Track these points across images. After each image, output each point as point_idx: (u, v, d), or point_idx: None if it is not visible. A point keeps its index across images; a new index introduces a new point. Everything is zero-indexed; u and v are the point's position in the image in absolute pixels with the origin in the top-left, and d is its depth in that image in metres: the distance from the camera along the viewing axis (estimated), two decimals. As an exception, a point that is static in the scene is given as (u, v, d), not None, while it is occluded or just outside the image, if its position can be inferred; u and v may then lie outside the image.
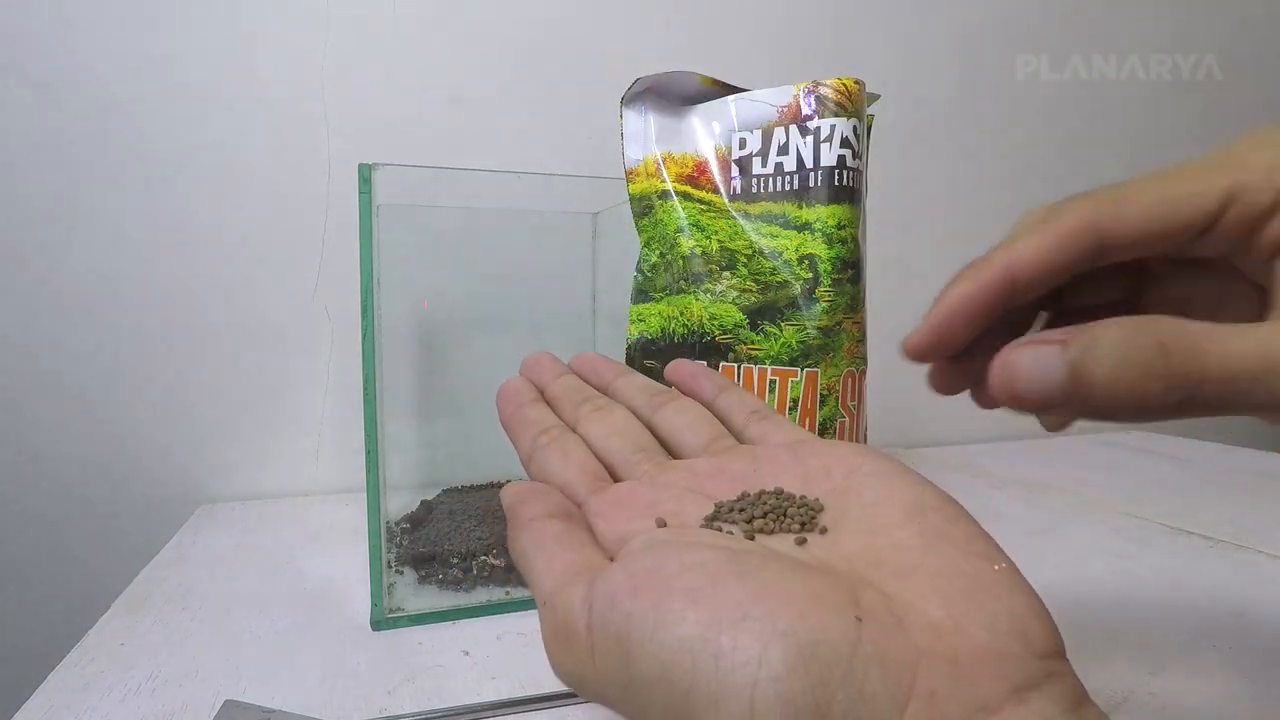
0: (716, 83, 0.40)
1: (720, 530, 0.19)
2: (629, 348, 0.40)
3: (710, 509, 0.20)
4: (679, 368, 0.29)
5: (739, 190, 0.39)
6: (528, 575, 0.19)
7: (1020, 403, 0.18)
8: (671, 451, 0.25)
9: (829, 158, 0.37)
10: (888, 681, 0.13)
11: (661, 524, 0.20)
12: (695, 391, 0.27)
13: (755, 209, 0.38)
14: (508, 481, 0.56)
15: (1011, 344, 0.18)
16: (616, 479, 0.24)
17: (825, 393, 0.38)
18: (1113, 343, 0.17)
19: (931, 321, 0.20)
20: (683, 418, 0.25)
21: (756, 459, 0.22)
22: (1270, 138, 0.19)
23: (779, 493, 0.20)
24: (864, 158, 0.39)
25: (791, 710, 0.13)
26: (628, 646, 0.15)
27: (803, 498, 0.20)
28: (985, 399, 0.20)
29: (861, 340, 0.40)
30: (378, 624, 0.37)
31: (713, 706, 0.14)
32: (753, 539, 0.19)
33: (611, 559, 0.19)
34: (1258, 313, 0.20)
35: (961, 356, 0.21)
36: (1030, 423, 0.21)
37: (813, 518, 0.19)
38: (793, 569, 0.16)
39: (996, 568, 0.16)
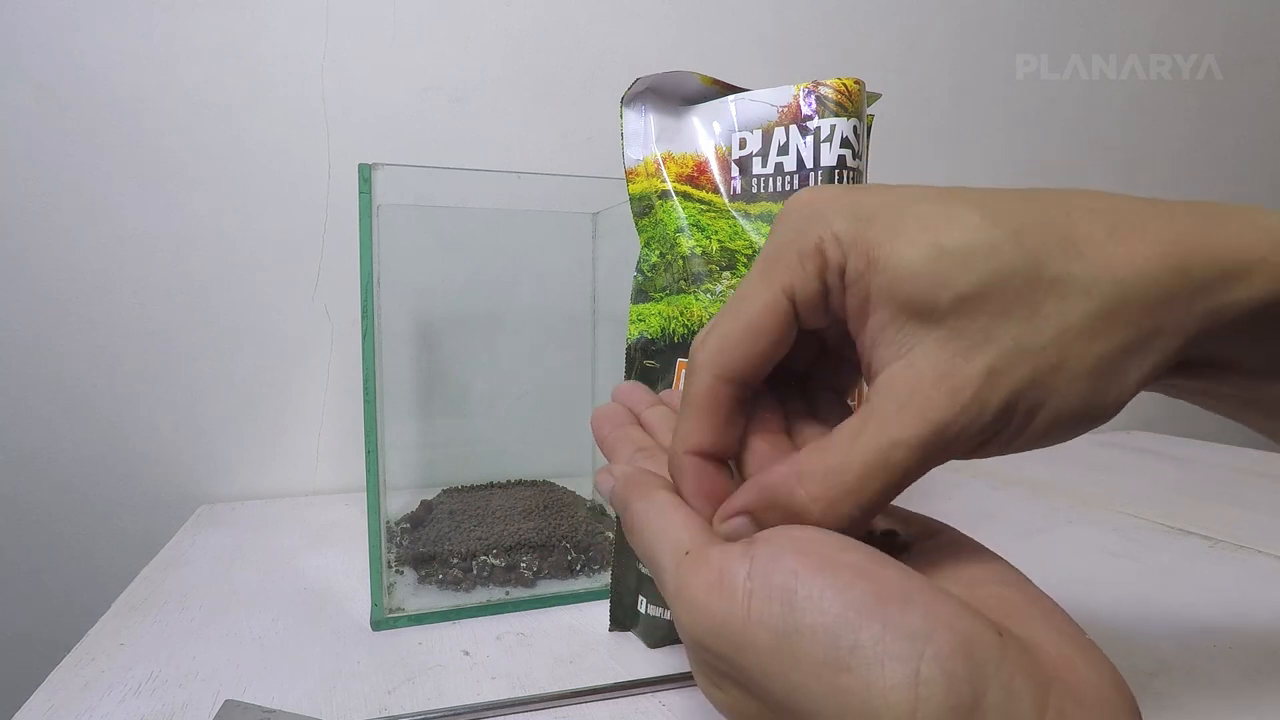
0: (716, 83, 0.40)
1: None
2: (629, 348, 0.40)
3: None
4: None
5: (739, 190, 0.39)
6: (656, 531, 0.20)
7: None
8: None
9: (829, 158, 0.37)
10: (1031, 689, 0.15)
11: None
12: None
13: (755, 209, 0.38)
14: (508, 482, 0.56)
15: (717, 517, 0.20)
16: None
17: (825, 393, 0.38)
18: (776, 505, 0.19)
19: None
20: None
21: None
22: (797, 220, 0.20)
23: (871, 533, 0.21)
24: (864, 158, 0.39)
25: (954, 689, 0.14)
26: (792, 599, 0.16)
27: (898, 538, 0.20)
28: None
29: (861, 340, 0.40)
30: (378, 624, 0.37)
31: (877, 667, 0.15)
32: None
33: None
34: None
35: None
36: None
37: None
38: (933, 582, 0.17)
39: (1084, 636, 0.17)
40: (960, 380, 0.18)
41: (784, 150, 0.38)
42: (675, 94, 0.41)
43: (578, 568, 0.44)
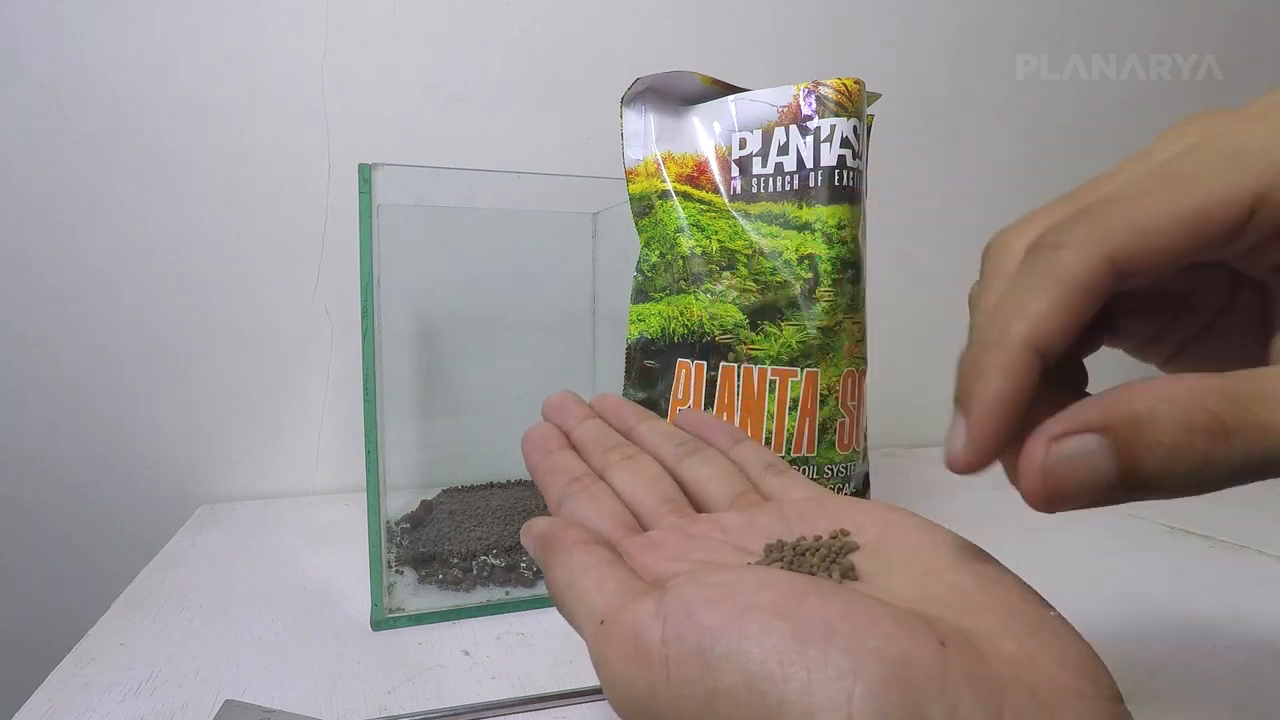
0: (716, 83, 0.40)
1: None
2: (629, 348, 0.40)
3: (741, 562, 0.20)
4: (689, 417, 0.29)
5: (739, 190, 0.39)
6: (573, 598, 0.19)
7: (1065, 507, 0.15)
8: (696, 503, 0.25)
9: (829, 158, 0.37)
10: (979, 703, 0.13)
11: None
12: (709, 441, 0.27)
13: (755, 209, 0.38)
14: (508, 482, 0.56)
15: (1037, 438, 0.15)
16: (644, 529, 0.24)
17: (825, 393, 0.38)
18: (1166, 425, 0.14)
19: (978, 433, 0.16)
20: (708, 469, 0.25)
21: (784, 514, 0.22)
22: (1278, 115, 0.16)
23: (819, 539, 0.20)
24: (864, 158, 0.39)
25: None
26: (708, 660, 0.15)
27: (844, 541, 0.20)
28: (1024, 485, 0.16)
29: (861, 340, 0.40)
30: (378, 624, 0.37)
31: (807, 719, 0.14)
32: None
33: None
34: (1226, 303, 0.19)
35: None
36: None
37: (852, 567, 0.19)
38: (867, 596, 0.16)
39: (1051, 613, 0.16)
40: None
41: (784, 150, 0.38)
42: (675, 94, 0.41)
43: (578, 568, 0.44)
